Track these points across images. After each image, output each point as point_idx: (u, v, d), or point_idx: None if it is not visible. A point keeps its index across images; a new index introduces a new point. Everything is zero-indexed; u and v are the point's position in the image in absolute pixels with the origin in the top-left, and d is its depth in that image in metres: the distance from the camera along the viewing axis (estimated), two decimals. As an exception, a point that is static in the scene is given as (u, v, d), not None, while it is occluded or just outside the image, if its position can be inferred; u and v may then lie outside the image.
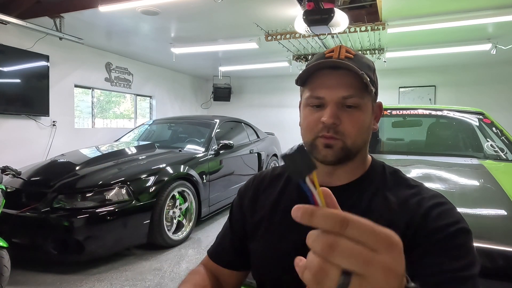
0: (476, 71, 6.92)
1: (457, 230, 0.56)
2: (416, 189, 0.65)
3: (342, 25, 3.42)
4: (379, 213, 0.63)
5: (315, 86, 0.66)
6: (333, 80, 0.64)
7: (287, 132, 7.55)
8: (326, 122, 0.63)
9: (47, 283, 2.58)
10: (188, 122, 5.01)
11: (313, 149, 0.67)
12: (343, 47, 0.68)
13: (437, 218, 0.58)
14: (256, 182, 0.82)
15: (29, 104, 4.69)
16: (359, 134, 0.65)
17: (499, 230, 1.16)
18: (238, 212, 0.81)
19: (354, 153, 0.66)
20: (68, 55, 5.31)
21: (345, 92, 0.63)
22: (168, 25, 4.61)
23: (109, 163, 3.28)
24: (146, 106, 7.58)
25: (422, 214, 0.59)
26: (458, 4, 3.67)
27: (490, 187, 1.58)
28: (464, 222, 0.59)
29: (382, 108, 0.73)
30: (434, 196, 0.63)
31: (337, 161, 0.65)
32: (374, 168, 0.71)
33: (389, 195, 0.65)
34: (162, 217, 3.14)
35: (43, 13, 4.09)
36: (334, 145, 0.64)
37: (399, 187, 0.66)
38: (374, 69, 0.70)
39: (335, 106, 0.64)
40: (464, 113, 2.74)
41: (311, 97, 0.66)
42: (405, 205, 0.62)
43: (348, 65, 0.62)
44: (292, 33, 4.68)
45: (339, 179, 0.69)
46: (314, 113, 0.66)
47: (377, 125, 0.72)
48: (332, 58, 0.66)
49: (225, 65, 7.15)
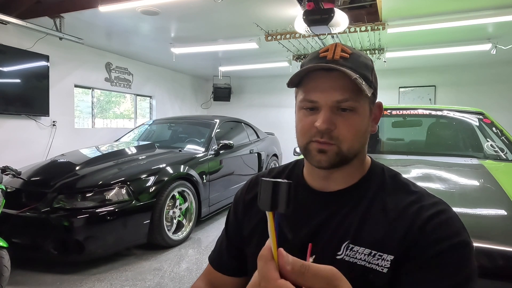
0: (476, 71, 6.92)
1: (455, 244, 0.54)
2: (416, 195, 0.62)
3: (342, 25, 3.42)
4: (375, 220, 0.60)
5: (309, 88, 0.63)
6: (326, 83, 0.61)
7: (287, 132, 7.52)
8: (320, 128, 0.60)
9: (47, 283, 2.58)
10: (188, 122, 5.02)
11: (307, 153, 0.65)
12: (339, 46, 0.64)
13: (434, 230, 0.55)
14: (251, 185, 0.80)
15: (29, 104, 4.69)
16: (355, 139, 0.62)
17: (499, 230, 1.16)
18: (233, 218, 0.80)
19: (350, 158, 0.63)
20: (68, 55, 5.31)
21: (339, 96, 0.60)
22: (168, 25, 4.61)
23: (109, 163, 3.28)
24: (146, 106, 7.58)
25: (419, 226, 0.56)
26: (458, 4, 3.67)
27: (490, 187, 1.58)
28: (464, 234, 0.56)
29: (382, 108, 0.70)
30: (434, 204, 0.60)
31: (331, 166, 0.63)
32: (373, 171, 0.68)
33: (388, 201, 0.62)
34: (162, 217, 3.15)
35: (43, 13, 4.09)
36: (328, 150, 0.61)
37: (399, 193, 0.63)
38: (372, 68, 0.66)
39: (329, 110, 0.61)
40: (464, 113, 2.74)
41: (305, 100, 0.63)
42: (404, 214, 0.59)
43: (340, 68, 0.59)
44: (292, 33, 4.68)
45: (336, 184, 0.67)
46: (308, 116, 0.64)
47: (376, 126, 0.69)
48: (326, 58, 0.63)
49: (225, 65, 7.15)
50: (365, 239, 0.59)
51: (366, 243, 0.58)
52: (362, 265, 0.57)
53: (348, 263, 0.58)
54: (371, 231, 0.59)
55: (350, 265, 0.57)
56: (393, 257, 0.55)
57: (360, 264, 0.57)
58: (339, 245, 0.60)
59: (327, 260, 0.59)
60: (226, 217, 0.85)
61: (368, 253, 0.57)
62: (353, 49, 0.66)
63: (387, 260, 0.55)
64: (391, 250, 0.56)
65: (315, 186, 0.69)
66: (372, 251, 0.57)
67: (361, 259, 0.57)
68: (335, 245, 0.60)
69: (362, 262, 0.57)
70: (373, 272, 0.56)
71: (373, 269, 0.56)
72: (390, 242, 0.57)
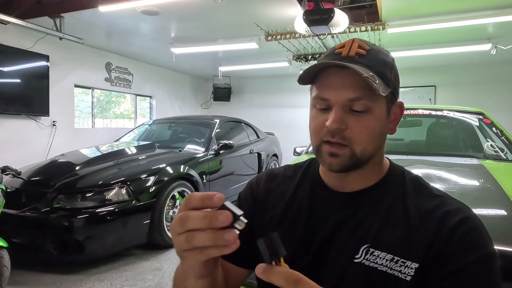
0: (476, 71, 6.92)
1: (482, 256, 0.52)
2: (440, 199, 0.59)
3: (342, 25, 3.42)
4: (397, 224, 0.57)
5: (322, 85, 0.60)
6: (339, 80, 0.58)
7: (287, 132, 7.54)
8: (330, 127, 0.57)
9: (47, 283, 2.58)
10: (188, 122, 5.02)
11: (319, 155, 0.62)
12: (356, 42, 0.61)
13: (461, 239, 0.53)
14: (267, 179, 0.76)
15: (29, 104, 4.69)
16: (369, 141, 0.59)
17: (499, 230, 1.16)
18: (250, 205, 0.73)
19: (364, 161, 0.60)
20: (68, 55, 5.31)
21: (352, 94, 0.57)
22: (168, 25, 4.61)
23: (109, 163, 3.28)
24: (146, 106, 7.58)
25: (446, 234, 0.54)
26: (458, 4, 3.67)
27: (490, 187, 1.58)
28: (490, 245, 0.54)
29: (404, 108, 0.66)
30: (460, 210, 0.56)
31: (343, 170, 0.60)
32: (392, 174, 0.65)
33: (409, 205, 0.59)
34: (162, 217, 3.15)
35: (43, 13, 4.09)
36: (341, 154, 0.58)
37: (421, 196, 0.60)
38: (392, 65, 0.62)
39: (341, 109, 0.58)
40: (464, 113, 2.74)
41: (317, 98, 0.61)
42: (428, 219, 0.56)
43: (350, 66, 0.56)
44: (292, 33, 4.68)
45: (352, 185, 0.64)
46: (320, 115, 0.61)
47: (395, 127, 0.65)
48: (341, 54, 0.60)
49: (225, 65, 7.15)
50: (386, 244, 0.56)
51: (387, 248, 0.56)
52: (384, 271, 0.55)
53: (368, 267, 0.56)
54: (393, 236, 0.57)
55: (370, 269, 0.56)
56: (418, 265, 0.53)
57: (381, 269, 0.55)
58: (357, 248, 0.58)
59: (343, 263, 0.57)
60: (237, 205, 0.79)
61: (390, 259, 0.55)
62: (373, 45, 0.63)
63: (411, 268, 0.53)
64: (415, 258, 0.54)
65: (332, 185, 0.66)
66: (394, 257, 0.55)
67: (382, 265, 0.55)
68: (352, 247, 0.58)
69: (383, 267, 0.55)
70: (395, 279, 0.54)
71: (396, 276, 0.54)
72: (414, 248, 0.54)
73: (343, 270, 0.57)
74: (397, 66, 0.67)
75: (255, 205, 0.73)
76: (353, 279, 0.56)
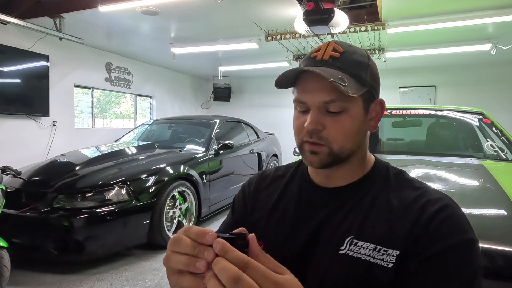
0: (476, 71, 6.92)
1: (460, 242, 0.53)
2: (421, 191, 0.62)
3: (342, 25, 3.42)
4: (380, 215, 0.60)
5: (300, 89, 0.64)
6: (314, 83, 0.61)
7: (287, 132, 7.52)
8: (307, 128, 0.61)
9: (47, 283, 2.58)
10: (188, 122, 5.02)
11: (302, 153, 0.66)
12: (331, 45, 0.64)
13: (439, 226, 0.55)
14: (258, 180, 0.80)
15: (29, 104, 4.69)
16: (346, 139, 0.62)
17: (499, 230, 1.16)
18: (241, 206, 0.79)
19: (343, 158, 0.64)
20: (68, 55, 5.31)
21: (326, 97, 0.60)
22: (168, 25, 4.61)
23: (109, 163, 3.28)
24: (146, 106, 7.58)
25: (424, 221, 0.56)
26: (458, 4, 3.67)
27: (490, 187, 1.58)
28: (469, 232, 0.55)
29: (384, 105, 0.68)
30: (440, 199, 0.59)
31: (323, 166, 0.64)
32: (377, 169, 0.68)
33: (392, 197, 0.62)
34: (162, 217, 3.15)
35: (43, 13, 4.09)
36: (320, 152, 0.62)
37: (404, 189, 0.63)
38: (367, 65, 0.64)
39: (317, 111, 0.61)
40: (464, 113, 2.74)
41: (297, 101, 0.64)
42: (409, 209, 0.59)
43: (316, 71, 0.58)
44: (292, 33, 4.68)
45: (337, 181, 0.67)
46: (300, 117, 0.65)
47: (376, 125, 0.67)
48: (316, 58, 0.63)
49: (225, 65, 7.15)
50: (369, 235, 0.59)
51: (370, 238, 0.58)
52: (367, 260, 0.57)
53: (352, 258, 0.58)
54: (376, 227, 0.59)
55: (353, 260, 0.58)
56: (398, 252, 0.55)
57: (364, 259, 0.57)
58: (342, 240, 0.60)
59: (329, 255, 0.60)
60: (231, 207, 0.83)
61: (373, 248, 0.57)
62: (349, 46, 0.65)
63: (393, 255, 0.55)
64: (396, 245, 0.56)
65: (319, 182, 0.70)
66: (377, 246, 0.57)
67: (366, 254, 0.57)
68: (338, 240, 0.61)
69: (366, 257, 0.57)
70: (378, 267, 0.56)
71: (378, 264, 0.56)
72: (396, 237, 0.57)
73: (329, 262, 0.60)
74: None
75: (245, 205, 0.78)
76: (337, 270, 0.58)
